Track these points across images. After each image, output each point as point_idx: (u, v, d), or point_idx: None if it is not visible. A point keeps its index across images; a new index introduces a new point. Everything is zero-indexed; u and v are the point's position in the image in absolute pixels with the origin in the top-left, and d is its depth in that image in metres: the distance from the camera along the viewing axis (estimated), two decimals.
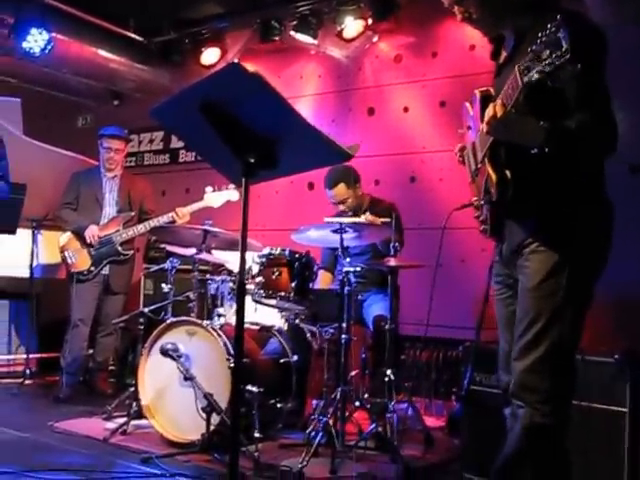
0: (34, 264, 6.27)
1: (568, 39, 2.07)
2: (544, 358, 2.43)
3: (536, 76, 2.17)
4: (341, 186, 5.11)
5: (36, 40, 6.18)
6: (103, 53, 6.93)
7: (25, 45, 6.19)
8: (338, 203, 5.14)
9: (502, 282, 2.72)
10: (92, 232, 5.69)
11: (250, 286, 4.41)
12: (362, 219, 4.51)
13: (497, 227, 2.67)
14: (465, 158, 2.91)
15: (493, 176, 2.53)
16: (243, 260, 2.16)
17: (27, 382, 6.02)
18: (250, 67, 2.01)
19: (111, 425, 4.59)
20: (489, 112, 2.40)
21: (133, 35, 7.05)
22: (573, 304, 2.46)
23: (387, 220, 4.51)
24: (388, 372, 4.34)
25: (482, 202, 2.70)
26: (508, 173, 2.50)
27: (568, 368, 2.49)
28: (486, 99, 2.59)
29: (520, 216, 2.56)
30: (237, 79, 2.05)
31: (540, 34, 2.14)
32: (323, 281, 5.19)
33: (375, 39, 6.40)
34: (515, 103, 2.33)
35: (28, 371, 6.12)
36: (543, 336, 2.44)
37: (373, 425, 4.22)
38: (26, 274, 6.26)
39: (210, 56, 6.92)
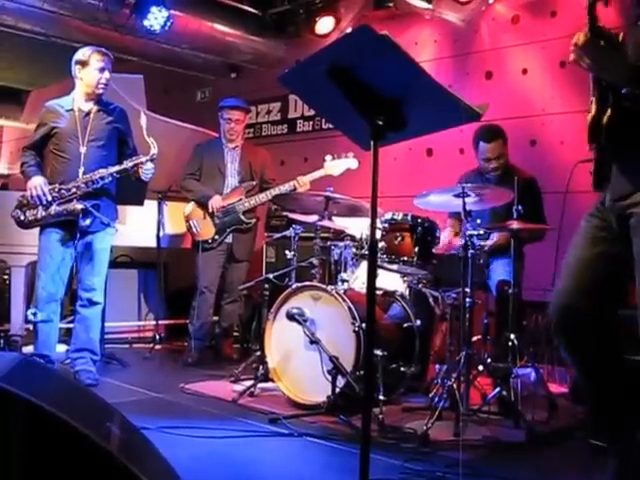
0: (161, 234, 6.48)
1: None
2: None
3: None
4: (500, 142, 4.99)
5: (156, 18, 6.35)
6: (220, 27, 7.06)
7: (146, 23, 6.37)
8: (492, 159, 4.98)
9: (598, 225, 2.63)
10: (216, 203, 5.85)
11: None
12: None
13: (599, 176, 2.59)
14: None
15: (589, 117, 2.48)
16: (374, 222, 2.19)
17: (157, 347, 6.26)
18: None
19: (239, 387, 4.74)
20: (573, 40, 2.35)
21: (248, 8, 7.13)
22: None
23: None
24: (512, 337, 4.29)
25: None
26: (606, 116, 2.42)
27: None
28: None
29: (625, 164, 2.47)
30: (366, 41, 2.06)
31: None
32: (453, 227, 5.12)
33: (491, 0, 6.25)
34: (592, 27, 2.28)
35: (158, 337, 6.35)
36: None
37: (497, 390, 4.20)
38: (153, 244, 6.48)
39: (324, 25, 6.91)
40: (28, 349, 5.22)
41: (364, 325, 4.01)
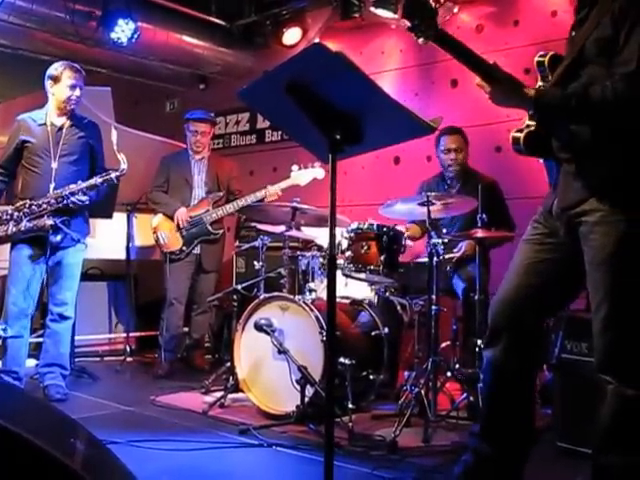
0: (130, 246, 6.49)
1: None
2: (626, 333, 2.37)
3: None
4: (460, 136, 5.14)
5: (123, 30, 6.34)
6: (188, 39, 7.06)
7: (113, 36, 6.36)
8: (453, 150, 5.11)
9: (545, 232, 2.66)
10: (181, 215, 5.86)
11: (340, 261, 4.46)
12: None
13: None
14: None
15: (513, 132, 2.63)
16: (333, 235, 2.22)
17: (128, 359, 6.25)
18: (332, 46, 2.07)
19: (209, 399, 4.75)
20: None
21: (216, 19, 7.14)
22: None
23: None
24: (479, 342, 4.33)
25: None
26: (527, 130, 2.55)
27: None
28: (539, 64, 2.65)
29: (569, 174, 2.51)
30: (320, 59, 2.10)
31: None
32: (413, 229, 5.17)
33: (455, 10, 6.32)
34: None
35: (128, 349, 6.33)
36: (621, 310, 2.37)
37: (464, 395, 4.25)
38: (123, 256, 6.49)
39: (292, 36, 6.92)
40: None
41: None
